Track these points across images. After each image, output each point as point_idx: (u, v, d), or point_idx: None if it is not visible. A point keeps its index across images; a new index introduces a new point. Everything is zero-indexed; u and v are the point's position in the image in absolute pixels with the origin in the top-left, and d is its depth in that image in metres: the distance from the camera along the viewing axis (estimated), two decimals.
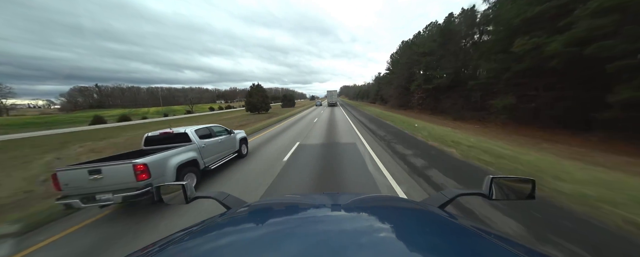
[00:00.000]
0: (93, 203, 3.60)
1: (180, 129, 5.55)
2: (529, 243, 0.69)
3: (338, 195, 1.30)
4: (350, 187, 4.78)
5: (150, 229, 3.48)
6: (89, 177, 3.60)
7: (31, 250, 3.17)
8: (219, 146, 6.23)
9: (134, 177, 3.66)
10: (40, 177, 6.74)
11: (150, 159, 3.93)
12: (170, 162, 4.40)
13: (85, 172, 3.61)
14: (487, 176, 1.08)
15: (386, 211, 1.04)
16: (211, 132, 6.21)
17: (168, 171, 4.29)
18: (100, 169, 3.62)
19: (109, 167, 3.65)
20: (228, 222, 0.91)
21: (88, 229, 3.66)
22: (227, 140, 6.75)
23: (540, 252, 0.63)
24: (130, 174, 3.66)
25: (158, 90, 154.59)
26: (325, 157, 7.24)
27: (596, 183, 4.25)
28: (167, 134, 5.47)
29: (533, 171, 5.11)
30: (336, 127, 14.76)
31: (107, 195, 3.62)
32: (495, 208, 3.54)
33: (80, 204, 3.55)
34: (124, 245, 3.13)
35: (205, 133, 5.96)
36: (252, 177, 5.64)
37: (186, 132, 5.43)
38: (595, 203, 3.47)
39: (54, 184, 3.66)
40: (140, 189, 3.66)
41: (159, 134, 5.54)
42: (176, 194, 1.20)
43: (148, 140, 5.58)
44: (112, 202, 3.61)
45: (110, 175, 3.63)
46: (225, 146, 6.58)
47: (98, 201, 3.61)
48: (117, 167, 3.67)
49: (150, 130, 6.16)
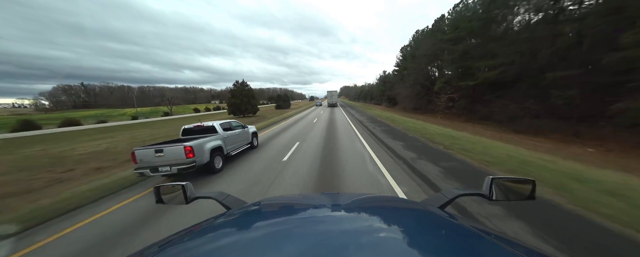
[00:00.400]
0: (157, 173, 5.31)
1: (209, 123, 7.17)
2: (529, 243, 0.67)
3: (338, 195, 1.33)
4: None
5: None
6: (155, 155, 5.32)
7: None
8: (237, 137, 7.80)
9: (184, 155, 5.29)
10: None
11: (193, 143, 5.53)
12: (206, 146, 5.94)
13: (153, 151, 5.31)
14: (487, 177, 1.06)
15: (386, 211, 1.05)
16: (231, 126, 7.79)
17: (205, 152, 5.84)
18: (162, 149, 5.31)
19: (168, 148, 5.32)
20: (228, 223, 0.91)
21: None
22: (242, 133, 8.27)
23: (540, 252, 0.63)
24: (182, 153, 5.29)
25: (150, 89, 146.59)
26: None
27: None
28: (200, 126, 7.10)
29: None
30: (337, 152, 7.79)
31: (166, 167, 5.28)
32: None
33: (149, 172, 5.27)
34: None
35: (226, 126, 7.51)
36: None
37: (213, 126, 7.00)
38: None
39: (133, 159, 5.41)
40: (188, 164, 5.30)
41: (193, 126, 7.17)
42: (176, 195, 1.20)
43: (185, 131, 7.24)
44: (169, 172, 5.31)
45: (168, 153, 5.31)
46: (241, 138, 8.13)
47: (160, 171, 5.30)
48: (173, 148, 5.31)
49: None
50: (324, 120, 19.80)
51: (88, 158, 9.98)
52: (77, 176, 7.25)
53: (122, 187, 5.61)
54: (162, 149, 5.29)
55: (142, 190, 5.40)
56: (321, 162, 6.60)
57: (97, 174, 7.31)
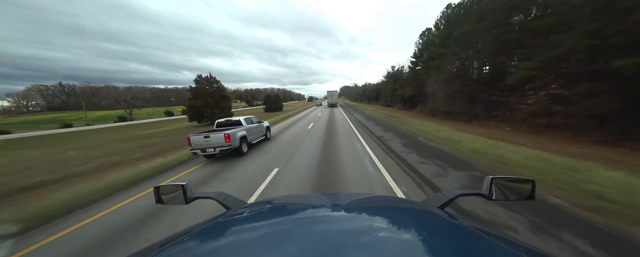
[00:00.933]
0: (205, 153, 7.54)
1: (235, 118, 9.51)
2: (530, 243, 0.67)
3: (338, 195, 1.31)
4: None
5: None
6: (204, 140, 7.47)
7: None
8: (255, 129, 9.95)
9: (224, 140, 7.37)
10: None
11: (229, 131, 7.68)
12: (237, 134, 8.05)
13: (202, 136, 7.51)
14: (487, 177, 1.05)
15: (386, 211, 1.04)
16: (251, 121, 10.02)
17: (237, 139, 7.91)
18: (209, 135, 7.49)
19: (213, 135, 7.47)
20: (228, 223, 0.90)
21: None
22: (259, 126, 10.45)
23: (540, 252, 0.62)
24: (222, 139, 7.37)
25: (139, 89, 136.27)
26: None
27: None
28: (229, 120, 9.45)
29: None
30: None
31: (211, 149, 7.43)
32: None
33: (200, 153, 7.53)
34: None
35: (248, 121, 9.70)
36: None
37: (239, 120, 9.30)
38: None
39: (188, 143, 7.65)
40: (226, 147, 7.39)
41: (224, 120, 9.53)
42: (176, 195, 1.18)
43: (218, 124, 9.49)
44: (213, 152, 7.49)
45: (213, 139, 7.43)
46: (259, 130, 10.35)
47: (207, 152, 7.48)
48: (216, 135, 7.44)
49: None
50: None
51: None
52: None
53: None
54: (208, 136, 7.52)
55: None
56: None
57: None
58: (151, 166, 7.74)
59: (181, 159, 8.48)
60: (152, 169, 7.29)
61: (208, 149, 7.47)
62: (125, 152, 11.65)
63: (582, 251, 2.49)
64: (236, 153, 8.05)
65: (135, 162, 9.01)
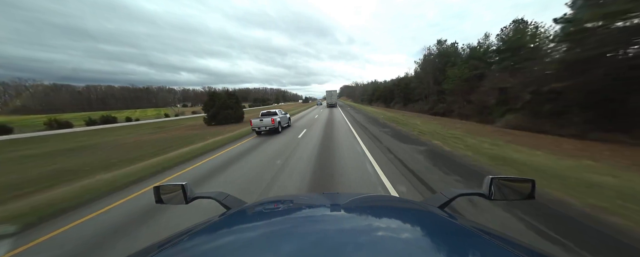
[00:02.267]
0: (260, 131, 12.62)
1: (273, 109, 14.79)
2: (530, 243, 0.67)
3: (337, 195, 1.31)
4: None
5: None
6: (260, 121, 12.34)
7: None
8: (283, 117, 14.53)
9: (270, 123, 12.26)
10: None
11: (275, 117, 12.69)
12: (277, 119, 12.65)
13: (259, 119, 12.43)
14: (487, 176, 1.04)
15: (385, 210, 1.04)
16: (282, 112, 14.99)
17: (277, 122, 12.63)
18: (262, 119, 12.41)
19: (265, 119, 12.44)
20: (228, 222, 0.91)
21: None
22: (285, 116, 15.19)
23: (541, 252, 0.62)
24: (270, 121, 12.27)
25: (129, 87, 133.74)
26: None
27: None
28: (269, 111, 13.89)
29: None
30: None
31: (264, 128, 12.44)
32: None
33: (258, 130, 12.60)
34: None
35: (280, 112, 14.52)
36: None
37: (276, 111, 14.11)
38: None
39: (251, 124, 12.71)
40: (272, 127, 12.33)
41: (265, 111, 13.96)
42: (176, 194, 1.17)
43: (262, 113, 13.73)
44: (265, 130, 12.57)
45: (265, 121, 12.32)
46: (285, 119, 15.03)
47: (260, 129, 12.54)
48: (267, 119, 12.40)
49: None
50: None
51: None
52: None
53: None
54: (262, 119, 12.30)
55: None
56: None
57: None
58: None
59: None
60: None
61: (261, 128, 12.32)
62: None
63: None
64: (275, 132, 12.67)
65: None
